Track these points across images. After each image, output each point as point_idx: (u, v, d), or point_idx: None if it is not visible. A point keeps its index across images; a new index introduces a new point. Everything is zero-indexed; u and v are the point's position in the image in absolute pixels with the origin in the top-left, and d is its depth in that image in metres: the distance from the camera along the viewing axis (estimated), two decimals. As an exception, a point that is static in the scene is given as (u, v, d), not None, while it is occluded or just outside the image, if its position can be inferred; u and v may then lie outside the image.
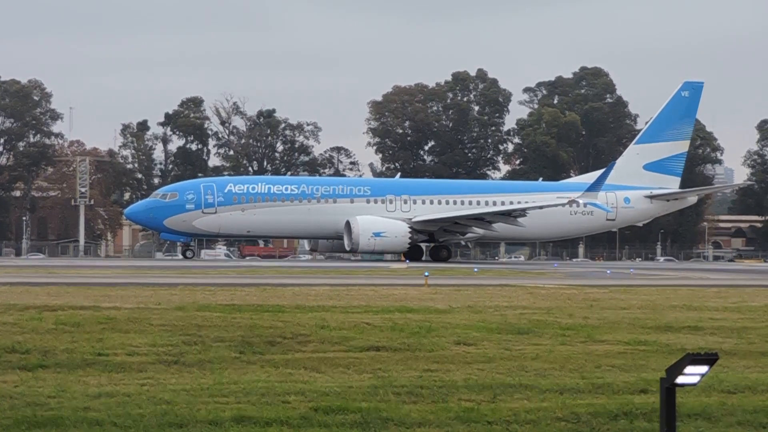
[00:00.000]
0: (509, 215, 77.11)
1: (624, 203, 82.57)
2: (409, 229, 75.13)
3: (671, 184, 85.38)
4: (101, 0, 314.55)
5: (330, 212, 76.13)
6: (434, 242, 78.46)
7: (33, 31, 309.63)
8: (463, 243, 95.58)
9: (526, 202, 78.24)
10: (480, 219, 77.49)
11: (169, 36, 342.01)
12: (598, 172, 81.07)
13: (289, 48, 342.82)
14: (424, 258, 78.51)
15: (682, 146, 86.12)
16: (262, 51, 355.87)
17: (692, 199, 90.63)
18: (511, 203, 78.65)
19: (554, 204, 77.34)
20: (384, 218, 75.29)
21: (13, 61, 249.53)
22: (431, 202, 78.63)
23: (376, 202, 77.50)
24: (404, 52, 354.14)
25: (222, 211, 75.01)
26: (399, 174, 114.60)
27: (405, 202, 77.93)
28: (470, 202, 79.40)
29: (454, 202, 79.19)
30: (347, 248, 75.79)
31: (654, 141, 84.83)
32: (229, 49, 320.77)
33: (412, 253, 77.53)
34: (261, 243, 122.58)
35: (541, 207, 76.97)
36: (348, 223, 74.32)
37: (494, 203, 79.16)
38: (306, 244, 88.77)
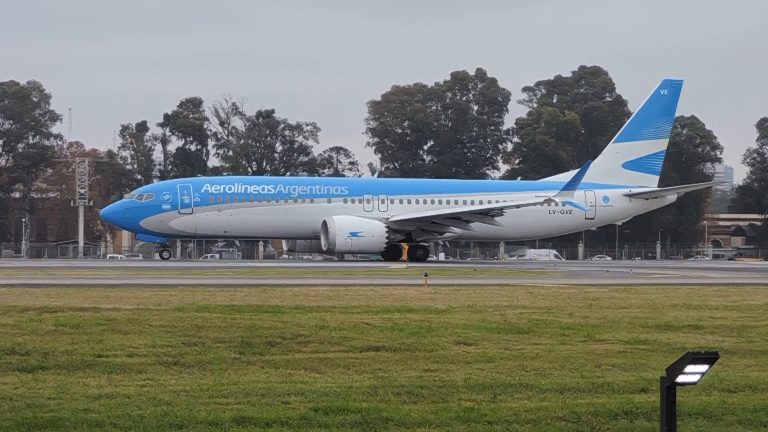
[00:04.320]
0: (486, 214, 76.93)
1: (603, 202, 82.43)
2: (386, 229, 74.69)
3: (650, 182, 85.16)
4: (99, 1, 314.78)
5: (307, 212, 75.75)
6: (412, 242, 77.80)
7: (32, 32, 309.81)
8: (441, 242, 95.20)
9: (504, 201, 78.08)
10: (457, 218, 77.23)
11: (167, 37, 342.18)
12: (575, 171, 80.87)
13: (288, 49, 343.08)
14: (401, 258, 78.11)
15: (661, 144, 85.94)
16: (261, 52, 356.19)
17: (671, 198, 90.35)
18: (489, 202, 78.47)
19: (531, 203, 77.11)
20: (361, 218, 74.91)
21: (11, 62, 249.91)
22: (409, 202, 78.30)
23: (353, 201, 77.13)
24: (403, 52, 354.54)
25: (198, 212, 74.65)
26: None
27: (382, 202, 77.56)
28: (448, 202, 79.13)
29: (432, 202, 78.93)
30: (324, 248, 75.36)
31: (633, 139, 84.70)
32: (229, 50, 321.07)
33: (389, 253, 76.85)
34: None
35: (518, 206, 76.77)
36: (325, 223, 73.99)
37: (472, 202, 78.92)
38: (284, 244, 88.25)
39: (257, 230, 78.67)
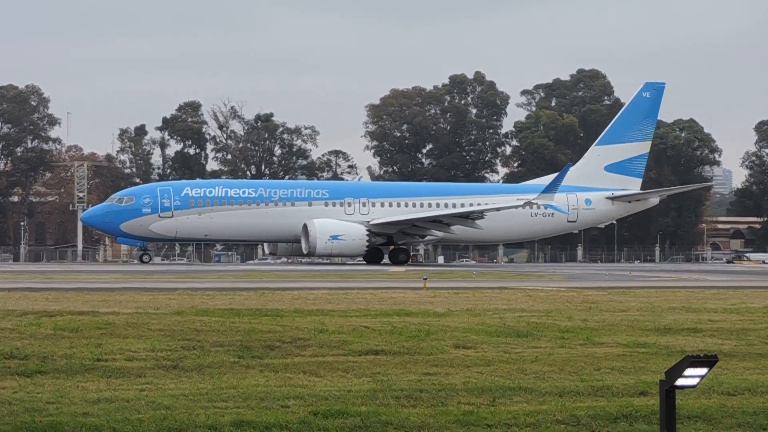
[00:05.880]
0: (467, 217, 76.81)
1: (585, 205, 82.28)
2: (367, 232, 74.49)
3: (633, 185, 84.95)
4: (97, 5, 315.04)
5: (288, 215, 75.52)
6: (393, 245, 77.53)
7: (30, 36, 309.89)
8: (424, 246, 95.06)
9: (486, 204, 77.92)
10: (438, 221, 77.07)
11: (166, 40, 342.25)
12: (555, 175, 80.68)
13: (287, 52, 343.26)
14: (383, 261, 77.38)
15: (644, 147, 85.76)
16: (259, 55, 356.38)
17: (654, 201, 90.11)
18: (471, 205, 78.35)
19: (511, 206, 76.91)
20: (341, 221, 74.73)
21: (10, 66, 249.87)
22: (390, 205, 78.09)
23: (334, 205, 76.93)
24: (402, 56, 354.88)
25: (179, 215, 74.39)
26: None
27: (363, 205, 77.30)
28: (429, 205, 78.97)
29: (414, 205, 78.72)
30: (304, 251, 75.19)
31: (615, 142, 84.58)
32: (227, 54, 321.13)
33: (371, 256, 76.69)
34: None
35: (498, 209, 76.60)
36: (305, 226, 73.81)
37: (453, 205, 78.79)
38: (266, 248, 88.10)
39: (238, 234, 78.23)
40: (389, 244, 77.37)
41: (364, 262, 77.12)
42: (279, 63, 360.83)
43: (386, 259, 77.96)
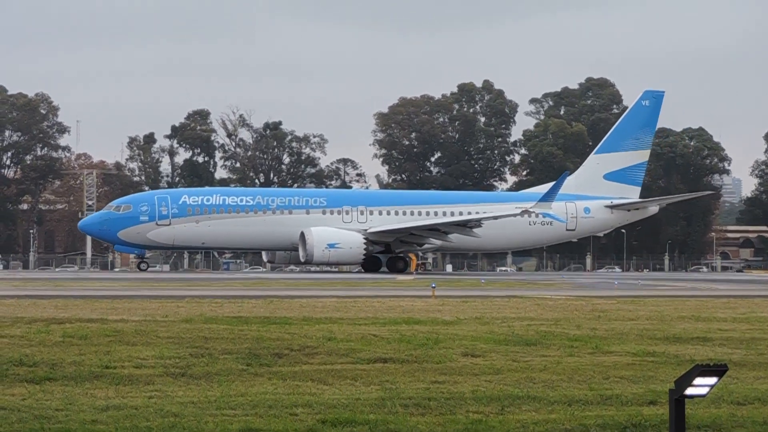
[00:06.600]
0: (464, 226, 76.65)
1: (584, 213, 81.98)
2: (364, 240, 74.36)
3: (632, 193, 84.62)
4: (106, 14, 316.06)
5: (286, 223, 75.43)
6: (391, 253, 77.33)
7: (40, 44, 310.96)
8: (420, 254, 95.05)
9: (484, 213, 77.73)
10: (436, 230, 76.91)
11: (175, 49, 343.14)
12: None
13: (295, 61, 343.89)
14: (381, 269, 77.11)
15: (643, 155, 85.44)
16: (268, 63, 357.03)
17: (653, 209, 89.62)
18: (469, 213, 78.18)
19: (508, 214, 76.68)
20: (339, 229, 74.61)
21: (20, 74, 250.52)
22: (388, 213, 77.98)
23: (332, 213, 76.85)
24: (410, 64, 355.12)
25: (176, 223, 74.29)
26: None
27: (361, 213, 77.24)
28: (428, 213, 78.84)
29: (411, 213, 78.63)
30: (302, 259, 75.04)
31: (614, 150, 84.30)
32: (236, 62, 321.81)
33: (369, 265, 76.50)
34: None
35: (495, 217, 76.46)
36: (302, 235, 73.69)
37: (451, 214, 78.62)
38: (264, 256, 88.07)
39: (235, 242, 78.20)
40: (387, 253, 77.29)
41: (362, 271, 77.00)
42: (287, 71, 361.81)
43: (384, 268, 77.80)
